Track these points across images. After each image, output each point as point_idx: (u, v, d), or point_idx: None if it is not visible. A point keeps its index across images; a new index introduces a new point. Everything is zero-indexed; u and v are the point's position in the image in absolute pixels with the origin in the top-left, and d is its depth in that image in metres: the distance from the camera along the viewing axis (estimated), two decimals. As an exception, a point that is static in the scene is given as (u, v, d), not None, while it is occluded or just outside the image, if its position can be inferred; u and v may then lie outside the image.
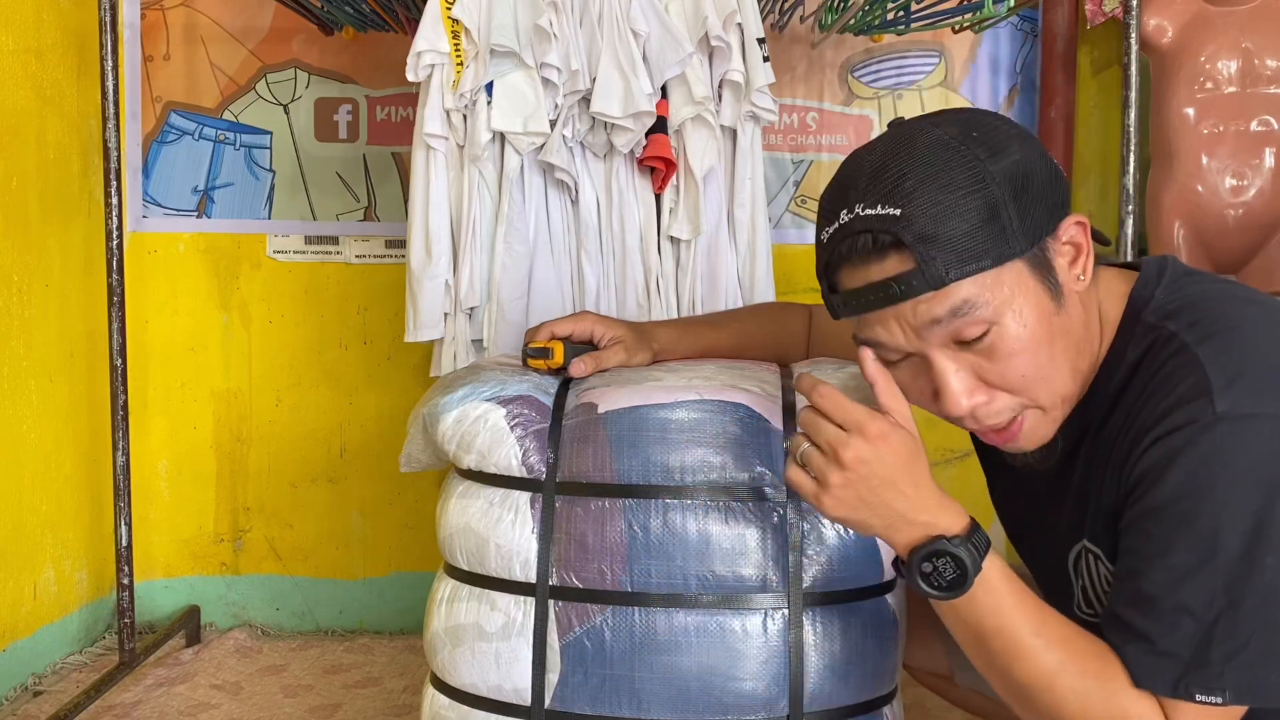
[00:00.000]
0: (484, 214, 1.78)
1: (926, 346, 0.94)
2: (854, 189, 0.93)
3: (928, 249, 0.88)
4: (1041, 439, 0.99)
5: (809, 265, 2.69)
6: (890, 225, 0.90)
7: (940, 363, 0.94)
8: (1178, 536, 0.88)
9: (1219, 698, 0.86)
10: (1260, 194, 2.11)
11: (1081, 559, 1.04)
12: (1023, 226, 0.90)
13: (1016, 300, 0.91)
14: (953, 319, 0.91)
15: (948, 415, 0.96)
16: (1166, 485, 0.89)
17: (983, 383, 0.94)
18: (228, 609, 2.44)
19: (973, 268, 0.89)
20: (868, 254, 0.92)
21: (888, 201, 0.90)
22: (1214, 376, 0.88)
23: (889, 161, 0.92)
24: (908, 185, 0.90)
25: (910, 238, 0.89)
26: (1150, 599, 0.89)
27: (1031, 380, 0.94)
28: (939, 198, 0.89)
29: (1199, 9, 2.15)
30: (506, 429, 1.14)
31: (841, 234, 0.93)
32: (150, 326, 2.40)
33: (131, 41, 2.37)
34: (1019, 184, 0.90)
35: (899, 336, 0.94)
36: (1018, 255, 0.90)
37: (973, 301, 0.90)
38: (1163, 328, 0.94)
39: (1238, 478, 0.86)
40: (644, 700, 1.07)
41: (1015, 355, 0.92)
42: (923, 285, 0.90)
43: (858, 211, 0.92)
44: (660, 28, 1.74)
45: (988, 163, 0.90)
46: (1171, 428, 0.89)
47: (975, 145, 0.91)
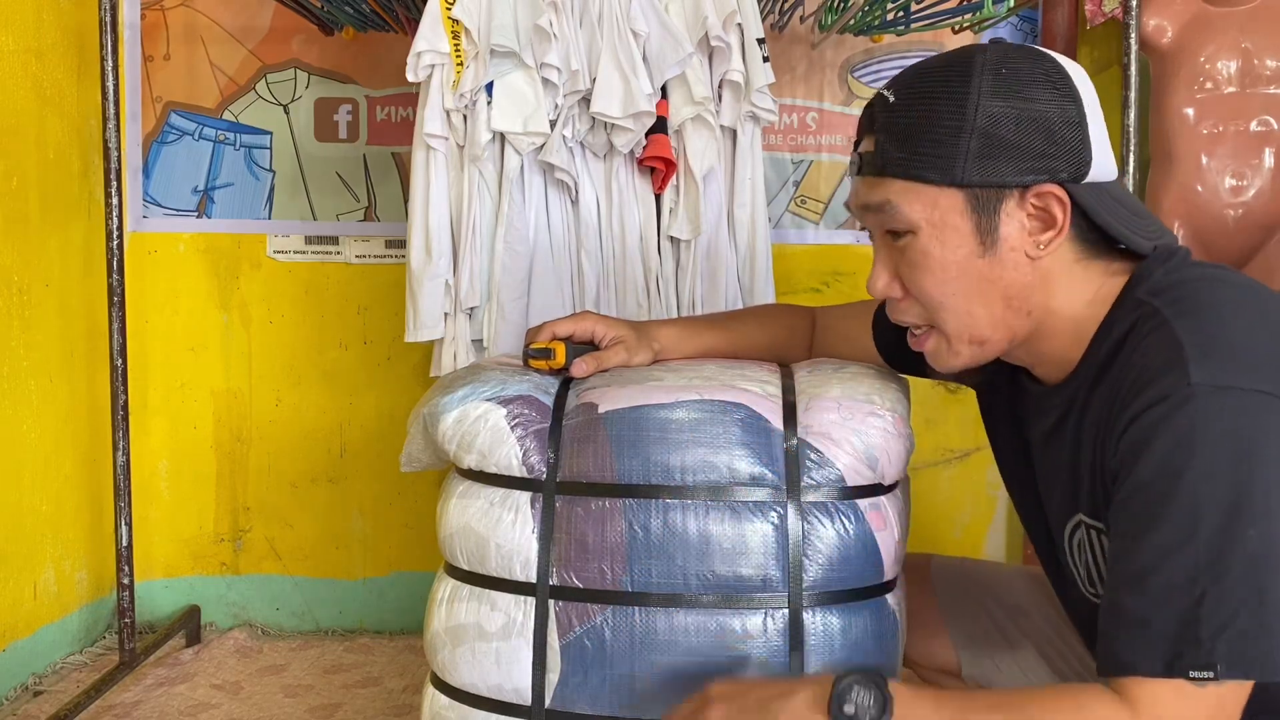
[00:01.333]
0: (484, 214, 1.78)
1: (870, 226, 1.05)
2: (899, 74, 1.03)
3: (886, 139, 0.99)
4: (946, 365, 1.04)
5: (809, 265, 2.70)
6: (880, 106, 1.01)
7: (876, 244, 1.05)
8: (1160, 513, 0.88)
9: (1211, 672, 0.86)
10: (1260, 194, 2.11)
11: (1079, 533, 1.04)
12: (979, 164, 0.96)
13: (941, 226, 0.98)
14: (878, 211, 1.00)
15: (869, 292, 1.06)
16: (1146, 464, 0.89)
17: (899, 281, 1.03)
18: (228, 609, 2.44)
19: (911, 173, 0.97)
20: (861, 127, 1.04)
21: (895, 89, 1.01)
22: (1190, 350, 0.89)
23: (930, 63, 1.01)
24: (915, 83, 1.00)
25: (880, 123, 1.00)
26: (1137, 578, 0.89)
27: (935, 302, 1.01)
28: (924, 104, 0.98)
29: (1199, 9, 2.15)
30: (507, 429, 1.14)
31: (869, 102, 1.04)
32: (150, 326, 2.40)
33: (131, 41, 2.37)
34: (1003, 127, 0.95)
35: (855, 208, 1.06)
36: (957, 184, 0.96)
37: (894, 203, 0.99)
38: (1148, 303, 0.95)
39: (1214, 451, 0.87)
40: (644, 700, 1.07)
41: (920, 269, 1.00)
42: (869, 168, 1.01)
43: (882, 91, 1.02)
44: (660, 28, 1.74)
45: (986, 96, 0.95)
46: (1148, 403, 0.90)
47: (990, 77, 0.96)
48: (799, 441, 1.10)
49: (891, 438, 1.12)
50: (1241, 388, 0.87)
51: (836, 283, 2.45)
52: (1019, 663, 1.32)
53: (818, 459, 1.10)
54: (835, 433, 1.11)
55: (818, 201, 2.44)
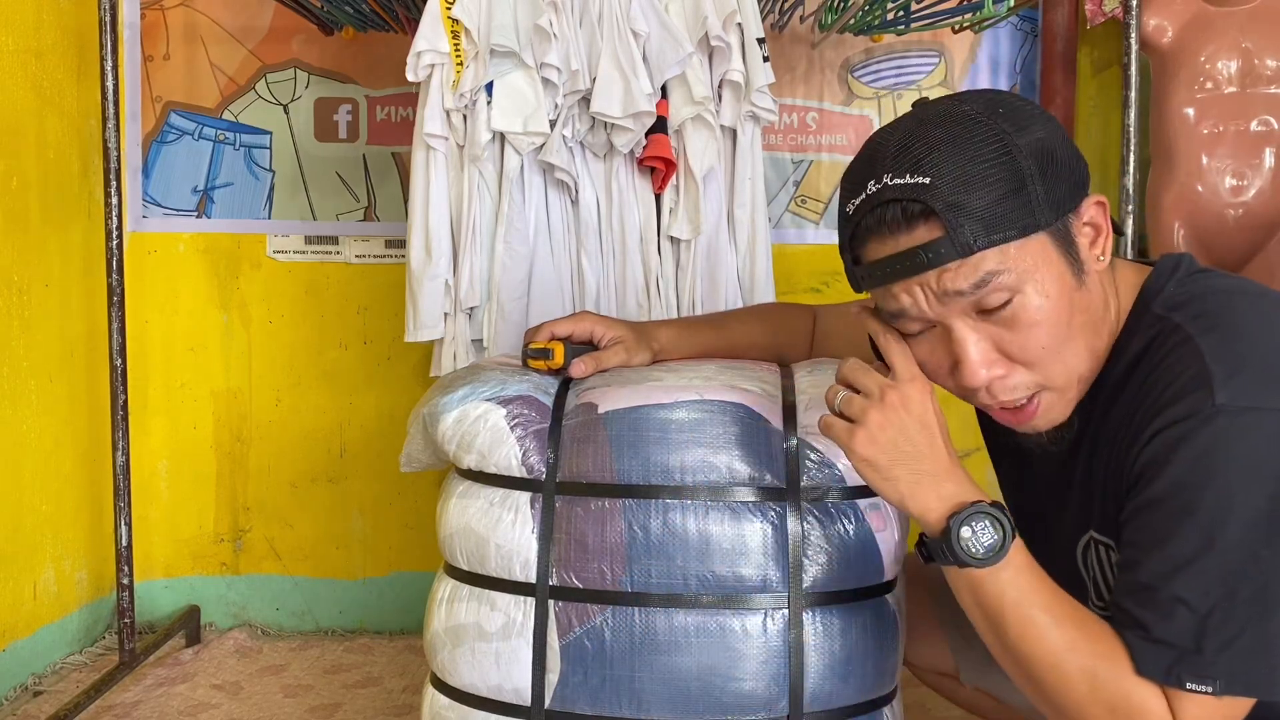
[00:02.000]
0: (484, 214, 1.78)
1: (949, 315, 0.94)
2: (881, 161, 0.94)
3: (956, 217, 0.90)
4: (1056, 419, 0.99)
5: (809, 265, 2.69)
6: (920, 193, 0.90)
7: (961, 332, 0.95)
8: (1176, 528, 0.88)
9: (1209, 686, 0.87)
10: (1260, 194, 2.11)
11: (1090, 550, 1.04)
12: (1048, 200, 0.91)
13: (1039, 272, 0.92)
14: (976, 289, 0.92)
15: (965, 386, 0.97)
16: (1166, 477, 0.89)
17: (1002, 355, 0.95)
18: (228, 609, 2.44)
19: (999, 237, 0.90)
20: (896, 224, 0.92)
21: (916, 171, 0.91)
22: (1215, 369, 0.88)
23: (916, 134, 0.93)
24: (936, 156, 0.91)
25: (940, 205, 0.90)
26: (1147, 589, 0.90)
27: (1050, 353, 0.94)
28: (967, 168, 0.90)
29: (1199, 9, 2.15)
30: (506, 429, 1.14)
31: (869, 204, 0.94)
32: (150, 326, 2.40)
33: (131, 41, 2.36)
34: (1044, 159, 0.92)
35: (922, 304, 0.95)
36: (1043, 228, 0.92)
37: (997, 271, 0.91)
38: (1168, 319, 0.95)
39: (1237, 470, 0.87)
40: (644, 700, 1.07)
41: (1036, 326, 0.93)
42: (951, 253, 0.90)
43: (886, 181, 0.93)
44: (660, 28, 1.74)
45: (1014, 136, 0.91)
46: (1172, 420, 0.89)
47: (1001, 120, 0.92)
48: (799, 441, 1.10)
49: (891, 438, 1.12)
50: (1267, 408, 0.87)
51: (836, 283, 2.44)
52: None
53: (818, 459, 1.10)
54: (836, 431, 1.10)
55: (818, 201, 2.44)
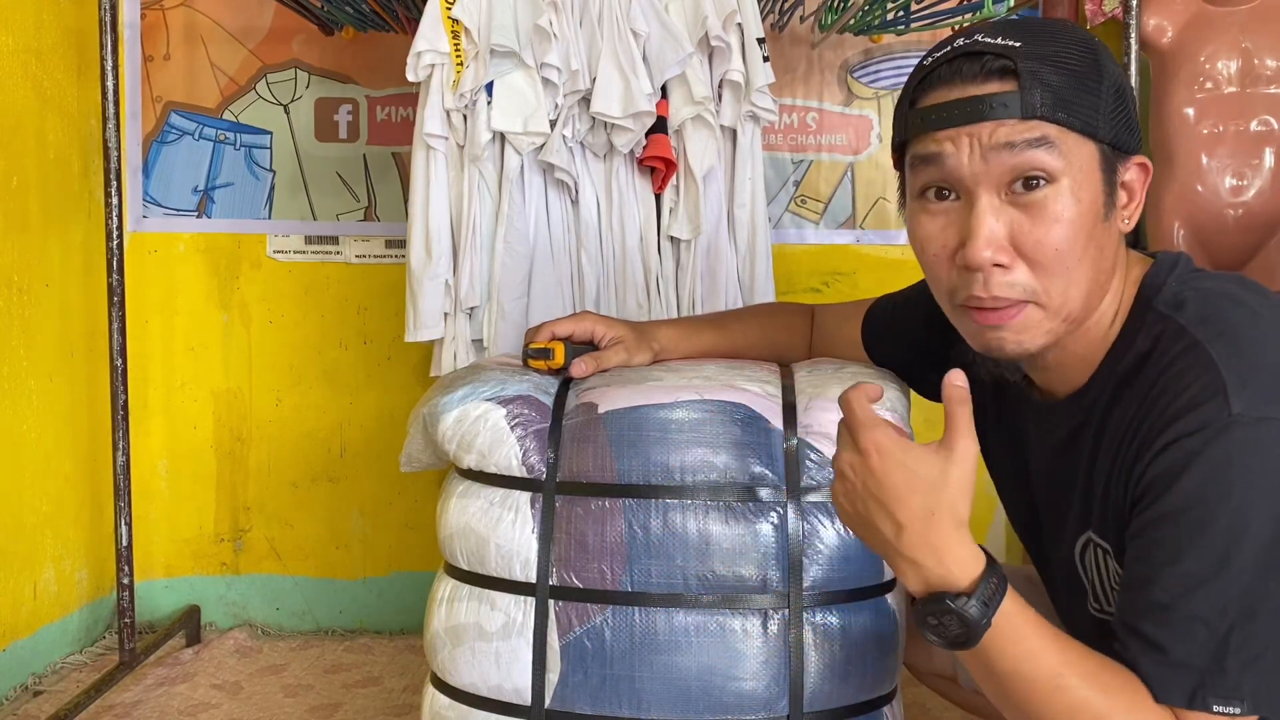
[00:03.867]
0: (484, 214, 1.78)
1: (981, 180, 0.93)
2: (982, 27, 0.96)
3: (1033, 81, 0.90)
4: (1026, 345, 0.96)
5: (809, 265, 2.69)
6: (1007, 51, 0.91)
7: (983, 203, 0.93)
8: (1191, 544, 0.86)
9: (1237, 707, 0.84)
10: (1260, 194, 2.11)
11: (1089, 551, 1.03)
12: (1112, 121, 0.93)
13: (1082, 175, 0.92)
14: (1028, 148, 0.90)
15: (967, 262, 0.94)
16: (1179, 491, 0.87)
17: (1012, 247, 0.93)
18: (228, 609, 2.44)
19: (1064, 116, 0.91)
20: (973, 74, 0.92)
21: (1009, 37, 0.92)
22: (1228, 377, 0.86)
23: (1021, 20, 0.97)
24: (1031, 34, 0.93)
25: (1022, 65, 0.90)
26: (1163, 608, 0.87)
27: (1058, 260, 0.92)
28: (1058, 51, 0.92)
29: (1199, 9, 2.15)
30: (507, 429, 1.14)
31: (951, 54, 0.94)
32: (150, 326, 2.40)
33: (131, 41, 2.37)
34: (1121, 91, 0.94)
35: (963, 156, 0.93)
36: (1100, 138, 0.92)
37: (1050, 141, 0.91)
38: (1172, 319, 0.93)
39: (1253, 483, 0.84)
40: (644, 700, 1.07)
41: (1057, 223, 0.91)
42: (1015, 109, 0.90)
43: (978, 38, 0.93)
44: (660, 28, 1.74)
45: (1105, 58, 0.94)
46: (1184, 431, 0.87)
47: (1099, 43, 0.95)
48: (799, 441, 1.10)
49: (891, 438, 1.12)
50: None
51: (836, 283, 2.44)
52: None
53: (818, 459, 1.10)
54: (835, 432, 1.10)
55: (818, 201, 2.44)
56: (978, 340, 0.98)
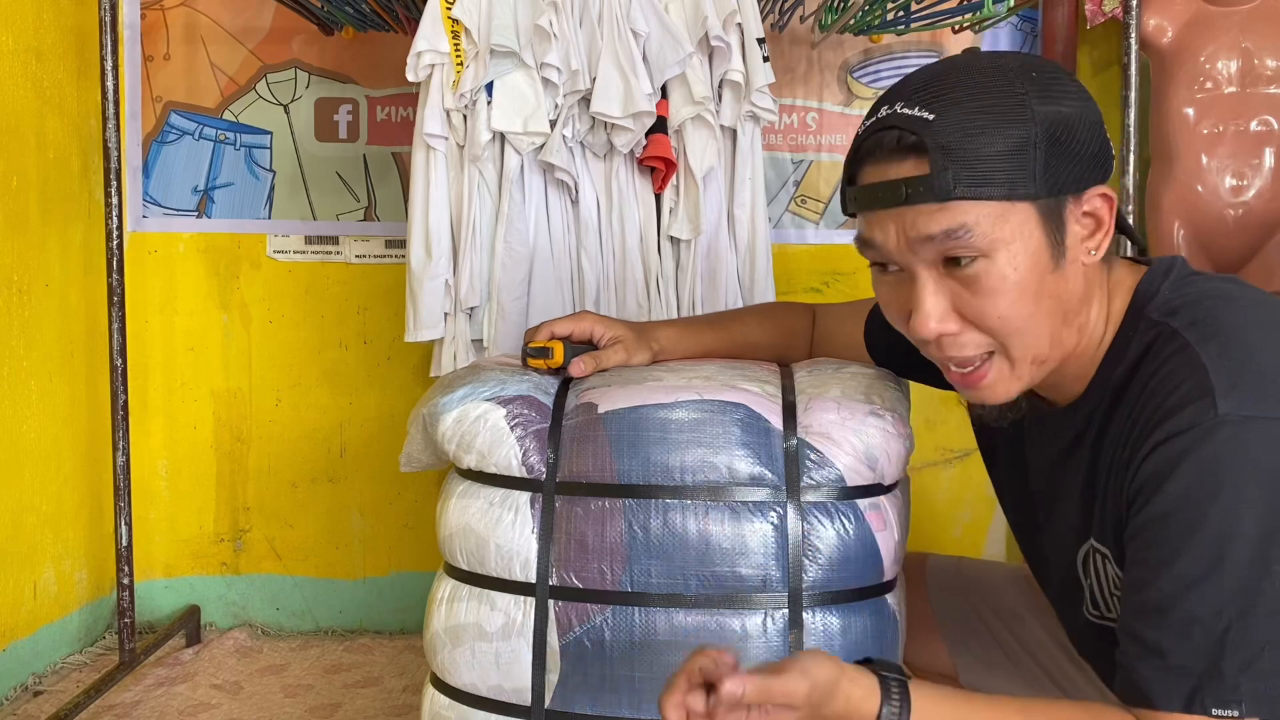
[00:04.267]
0: (484, 214, 1.78)
1: (915, 261, 0.93)
2: (903, 91, 0.94)
3: (944, 158, 0.88)
4: (1004, 395, 0.97)
5: (809, 265, 2.69)
6: (918, 127, 0.90)
7: (922, 280, 0.93)
8: (1184, 545, 0.86)
9: (1235, 710, 0.84)
10: (1260, 194, 2.11)
11: (1090, 558, 1.03)
12: (1046, 173, 0.89)
13: (1015, 243, 0.90)
14: (945, 239, 0.90)
15: (916, 336, 0.96)
16: (1170, 492, 0.87)
17: (957, 313, 0.94)
18: (228, 609, 2.44)
19: (982, 191, 0.89)
20: (890, 151, 0.92)
21: (926, 107, 0.90)
22: (1216, 378, 0.87)
23: (943, 75, 0.93)
24: (950, 98, 0.90)
25: (931, 143, 0.89)
26: (1158, 610, 0.87)
27: (1006, 325, 0.93)
28: (974, 117, 0.89)
29: (1199, 9, 2.15)
30: (506, 429, 1.14)
31: (875, 127, 0.94)
32: (150, 326, 2.40)
33: (131, 41, 2.37)
34: (1058, 131, 0.90)
35: (892, 242, 0.94)
36: (1031, 198, 0.90)
37: (969, 227, 0.89)
38: (1165, 324, 0.93)
39: (1243, 482, 0.84)
40: (644, 700, 1.07)
41: (995, 294, 0.91)
42: (929, 194, 0.89)
43: (896, 109, 0.92)
44: (660, 28, 1.74)
45: (1034, 101, 0.90)
46: (1173, 431, 0.87)
47: (1029, 83, 0.91)
48: (799, 441, 1.10)
49: (891, 438, 1.12)
50: (1270, 417, 0.85)
51: (836, 283, 2.45)
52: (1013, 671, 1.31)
53: (817, 459, 1.10)
54: (835, 433, 1.11)
55: (818, 201, 2.44)
56: (964, 395, 1.00)
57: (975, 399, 0.99)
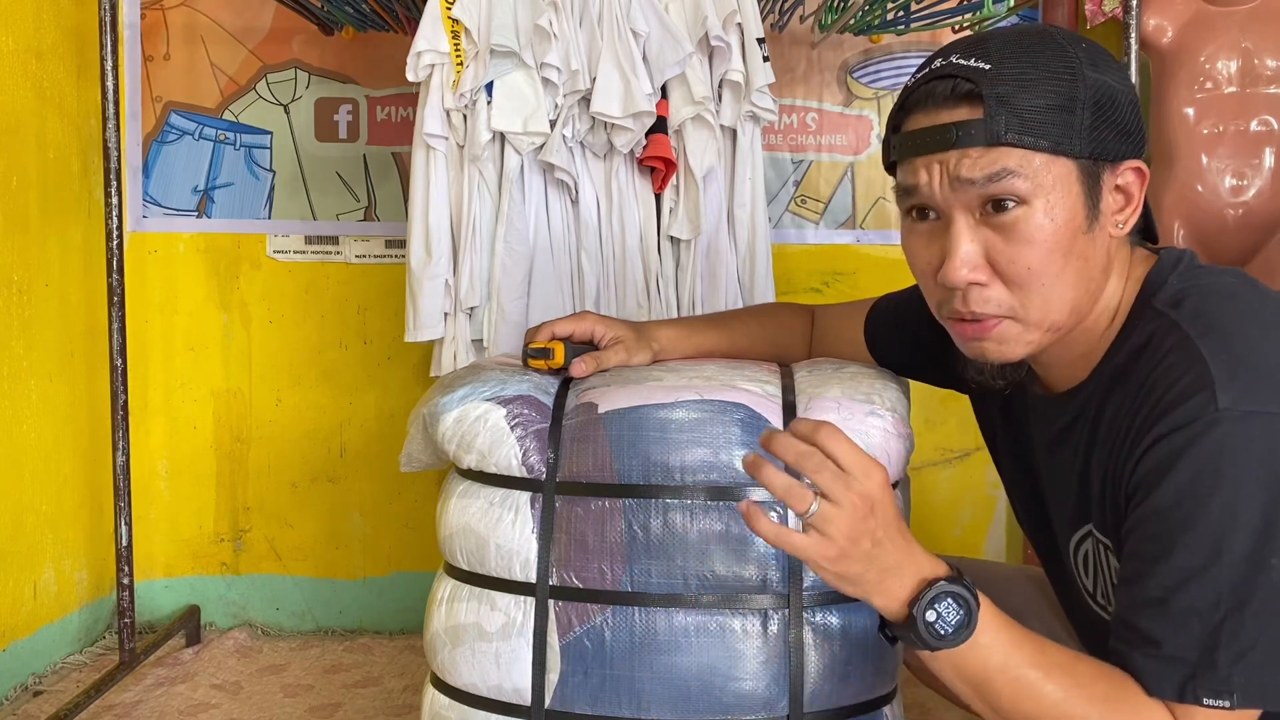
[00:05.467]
0: (484, 214, 1.78)
1: (954, 205, 0.94)
2: (958, 46, 0.97)
3: (998, 105, 0.91)
4: (1007, 355, 0.98)
5: (809, 265, 2.69)
6: (975, 75, 0.92)
7: (958, 226, 0.95)
8: (1182, 538, 0.87)
9: (1227, 701, 0.85)
10: (1260, 194, 2.11)
11: (1085, 544, 1.03)
12: (1091, 134, 0.92)
13: (1054, 194, 0.92)
14: (988, 182, 0.92)
15: (945, 281, 0.96)
16: (1169, 486, 0.88)
17: (988, 264, 0.95)
18: (228, 609, 2.44)
19: (1030, 140, 0.91)
20: (944, 98, 0.94)
21: (981, 58, 0.93)
22: (1217, 372, 0.87)
23: (999, 33, 0.96)
24: (1004, 52, 0.93)
25: (987, 90, 0.91)
26: (1155, 601, 0.88)
27: (1035, 278, 0.94)
28: (1029, 71, 0.92)
29: (1199, 9, 2.15)
30: (506, 429, 1.14)
31: (928, 76, 0.96)
32: (150, 326, 2.40)
33: (131, 41, 2.37)
34: (1103, 98, 0.92)
35: (934, 185, 0.95)
36: (1074, 155, 0.92)
37: (1014, 171, 0.91)
38: (1167, 316, 0.94)
39: (1242, 477, 0.85)
40: (644, 700, 1.07)
41: (1030, 244, 0.93)
42: (979, 137, 0.91)
43: (952, 59, 0.95)
44: (660, 28, 1.74)
45: (1084, 66, 0.93)
46: (1173, 425, 0.88)
47: (1080, 49, 0.94)
48: (799, 441, 1.10)
49: (891, 438, 1.12)
50: (1270, 412, 0.86)
51: (836, 283, 2.45)
52: None
53: (817, 459, 1.09)
54: (835, 433, 1.10)
55: (818, 201, 2.44)
56: (965, 350, 1.01)
57: (978, 352, 0.99)
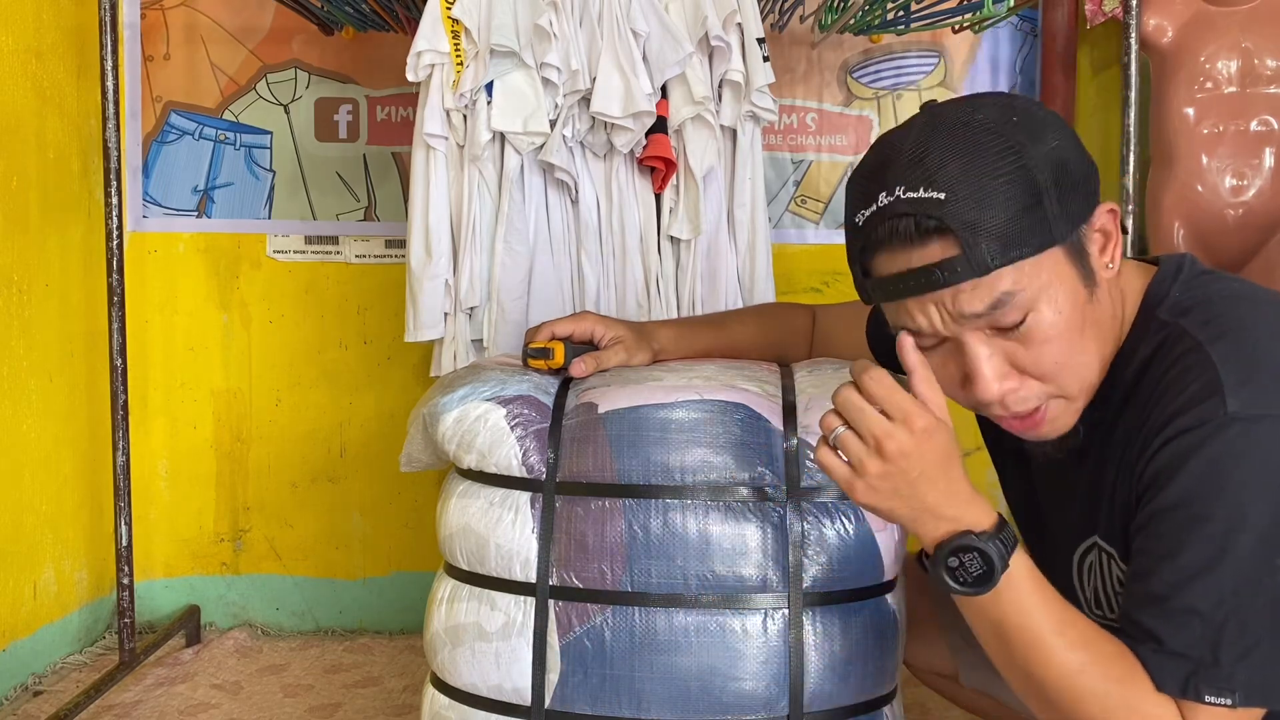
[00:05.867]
0: (484, 214, 1.78)
1: (962, 333, 0.93)
2: (892, 171, 0.92)
3: (973, 235, 0.88)
4: (1063, 428, 0.98)
5: (809, 265, 2.69)
6: (934, 209, 0.88)
7: (974, 348, 0.93)
8: (1189, 537, 0.87)
9: (1229, 699, 0.85)
10: (1260, 194, 2.11)
11: (1090, 555, 1.04)
12: (1063, 213, 0.90)
13: (1053, 288, 0.91)
14: (992, 310, 0.91)
15: (978, 400, 0.96)
16: (1178, 486, 0.88)
17: (1014, 369, 0.94)
18: (228, 609, 2.44)
19: (1015, 254, 0.89)
20: (909, 238, 0.90)
21: (930, 185, 0.89)
22: (1226, 376, 0.87)
23: (929, 145, 0.91)
24: (950, 170, 0.89)
25: (955, 223, 0.88)
26: (1160, 599, 0.88)
27: (1063, 367, 0.93)
28: (983, 183, 0.88)
29: (1199, 9, 2.15)
30: (506, 429, 1.14)
31: (880, 217, 0.92)
32: (150, 326, 2.40)
33: (131, 41, 2.37)
34: (1059, 171, 0.90)
35: (936, 322, 0.93)
36: (1058, 243, 0.90)
37: (1013, 291, 0.90)
38: (1175, 325, 0.94)
39: (1250, 479, 0.86)
40: (644, 700, 1.07)
41: (1049, 342, 0.92)
42: (967, 272, 0.89)
43: (898, 194, 0.90)
44: (660, 27, 1.74)
45: (1029, 148, 0.89)
46: (1183, 428, 0.88)
47: (1016, 130, 0.90)
48: (799, 441, 1.10)
49: (891, 438, 1.12)
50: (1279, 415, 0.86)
51: (836, 283, 2.44)
52: None
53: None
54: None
55: (818, 201, 2.44)
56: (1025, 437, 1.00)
57: (1038, 438, 0.99)
